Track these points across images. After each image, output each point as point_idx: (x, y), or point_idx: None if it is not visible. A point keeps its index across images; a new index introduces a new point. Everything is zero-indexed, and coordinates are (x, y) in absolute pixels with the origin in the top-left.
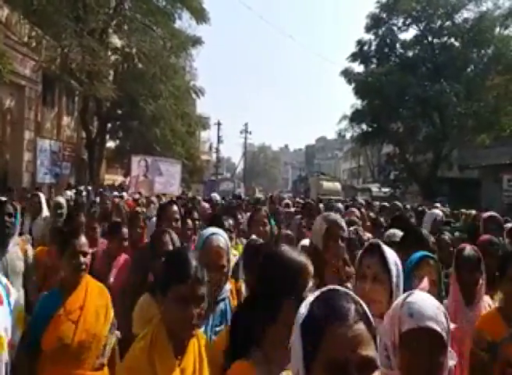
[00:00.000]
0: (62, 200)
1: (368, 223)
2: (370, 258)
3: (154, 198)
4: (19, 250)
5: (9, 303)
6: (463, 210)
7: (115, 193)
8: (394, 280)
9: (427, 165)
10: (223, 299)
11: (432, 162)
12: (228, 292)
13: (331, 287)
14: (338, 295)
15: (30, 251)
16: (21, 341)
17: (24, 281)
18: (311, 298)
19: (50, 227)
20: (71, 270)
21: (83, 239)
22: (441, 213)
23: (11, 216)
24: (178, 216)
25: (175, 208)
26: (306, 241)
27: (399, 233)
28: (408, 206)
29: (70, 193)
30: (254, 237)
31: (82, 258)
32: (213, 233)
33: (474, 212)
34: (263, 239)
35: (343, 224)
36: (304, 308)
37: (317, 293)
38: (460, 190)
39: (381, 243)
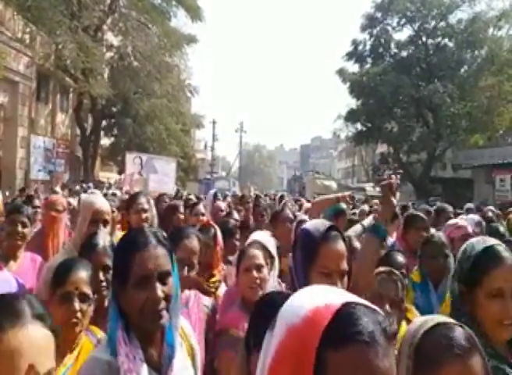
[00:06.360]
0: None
1: None
2: None
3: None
4: None
5: None
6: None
7: (110, 191)
8: None
9: (421, 164)
10: None
11: (426, 161)
12: None
13: None
14: None
15: None
16: None
17: None
18: None
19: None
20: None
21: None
22: (478, 218)
23: None
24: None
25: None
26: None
27: None
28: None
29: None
30: None
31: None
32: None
33: None
34: None
35: None
36: None
37: None
38: (453, 189)
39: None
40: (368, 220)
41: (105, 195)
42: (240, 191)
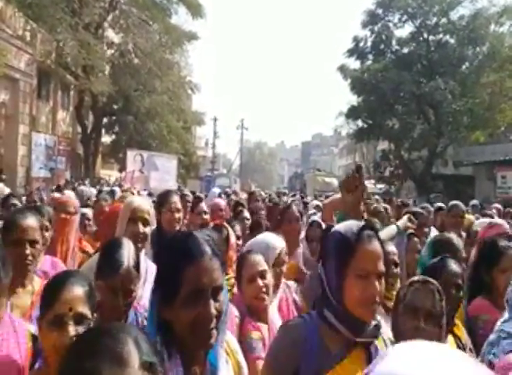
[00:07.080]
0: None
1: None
2: None
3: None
4: None
5: None
6: None
7: (107, 188)
8: None
9: (422, 161)
10: None
11: (427, 158)
12: None
13: None
14: None
15: None
16: None
17: None
18: None
19: None
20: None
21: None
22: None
23: None
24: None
25: None
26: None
27: None
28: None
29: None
30: None
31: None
32: None
33: None
34: None
35: None
36: None
37: None
38: (454, 186)
39: None
40: (403, 221)
41: (100, 192)
42: (240, 188)
